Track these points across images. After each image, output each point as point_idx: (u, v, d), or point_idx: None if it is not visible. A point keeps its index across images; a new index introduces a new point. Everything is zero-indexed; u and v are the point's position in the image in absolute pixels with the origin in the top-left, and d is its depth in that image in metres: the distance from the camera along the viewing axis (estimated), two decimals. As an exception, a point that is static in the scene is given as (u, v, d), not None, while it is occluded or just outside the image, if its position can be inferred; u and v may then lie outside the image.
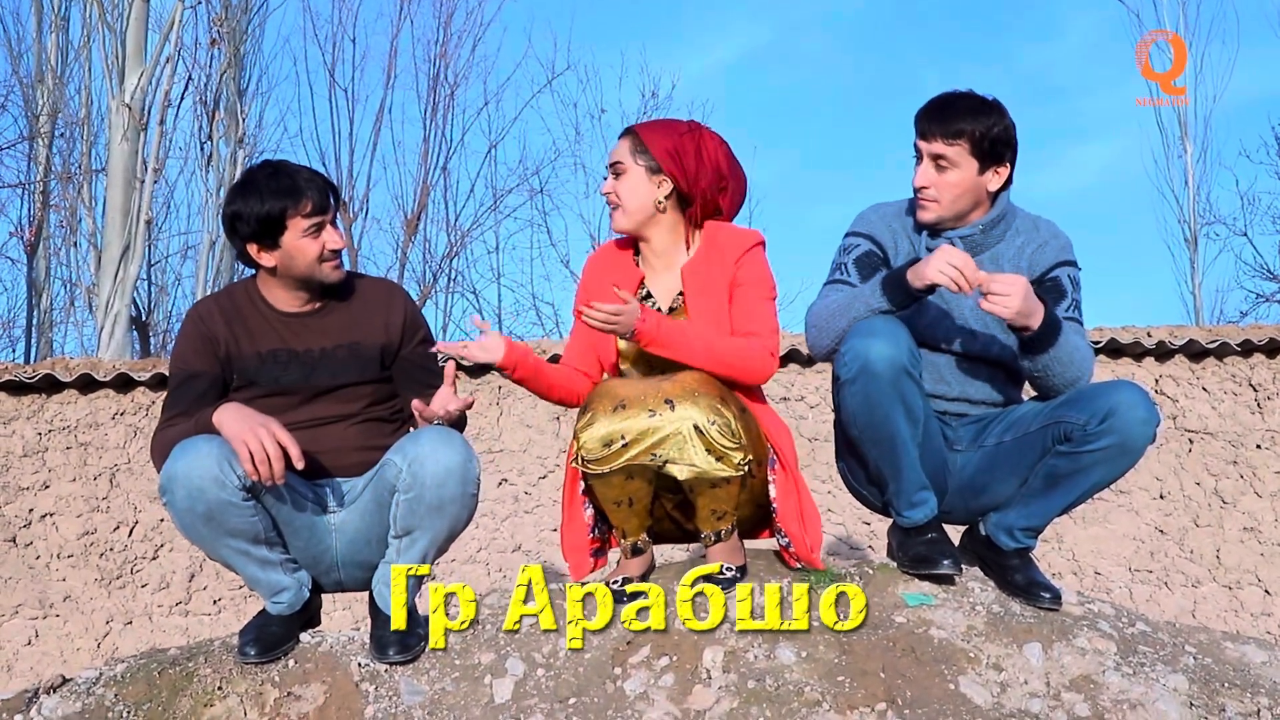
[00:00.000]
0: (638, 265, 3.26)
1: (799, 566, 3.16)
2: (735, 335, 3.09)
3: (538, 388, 3.20)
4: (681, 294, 3.18)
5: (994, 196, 3.11)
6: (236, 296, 3.09)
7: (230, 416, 2.78)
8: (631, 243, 3.29)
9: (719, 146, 3.19)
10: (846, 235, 3.23)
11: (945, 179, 3.03)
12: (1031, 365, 2.97)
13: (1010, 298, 2.80)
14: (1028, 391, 3.18)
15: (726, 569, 3.06)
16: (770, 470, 3.14)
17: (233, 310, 3.06)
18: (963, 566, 3.06)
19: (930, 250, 3.04)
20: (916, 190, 3.09)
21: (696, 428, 2.88)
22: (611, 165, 3.19)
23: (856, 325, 2.92)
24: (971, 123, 3.00)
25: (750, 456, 2.96)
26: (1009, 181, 3.09)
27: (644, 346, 3.01)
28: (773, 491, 3.14)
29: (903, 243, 3.16)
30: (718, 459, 2.91)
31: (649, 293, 3.22)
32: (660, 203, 3.16)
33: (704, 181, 3.16)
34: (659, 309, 3.18)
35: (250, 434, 2.72)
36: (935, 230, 3.11)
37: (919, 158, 3.07)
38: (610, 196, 3.19)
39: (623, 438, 2.90)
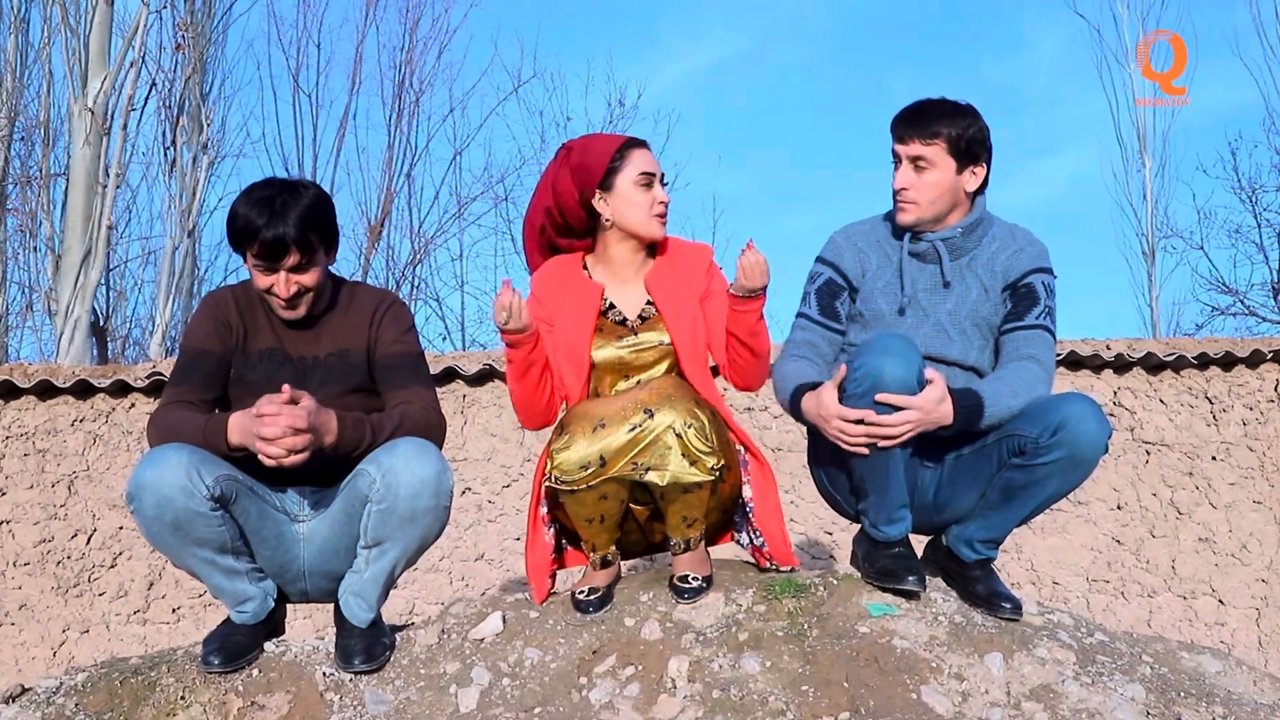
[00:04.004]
0: (590, 278, 3.26)
1: (770, 566, 3.21)
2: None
3: (532, 379, 3.11)
4: (651, 303, 3.21)
5: (972, 199, 3.15)
6: (251, 292, 3.09)
7: (238, 423, 2.79)
8: (578, 257, 3.30)
9: None
10: (815, 261, 3.28)
11: (924, 179, 3.08)
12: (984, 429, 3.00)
13: (913, 428, 2.83)
14: None
15: (693, 579, 3.08)
16: (744, 471, 3.19)
17: (246, 303, 3.07)
18: (926, 582, 3.08)
19: (913, 255, 3.14)
20: (896, 193, 3.13)
21: (675, 431, 2.91)
22: (663, 177, 3.21)
23: (871, 342, 2.93)
24: (948, 124, 3.06)
25: (723, 461, 2.98)
26: (985, 184, 3.15)
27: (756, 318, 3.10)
28: (748, 491, 3.19)
29: (871, 260, 3.19)
30: (692, 463, 2.93)
31: (612, 304, 3.23)
32: None
33: None
34: (625, 319, 3.21)
35: (257, 434, 2.71)
36: (916, 233, 3.15)
37: (897, 162, 3.12)
38: (666, 205, 3.21)
39: (601, 459, 2.92)
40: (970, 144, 3.08)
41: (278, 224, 2.86)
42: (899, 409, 2.82)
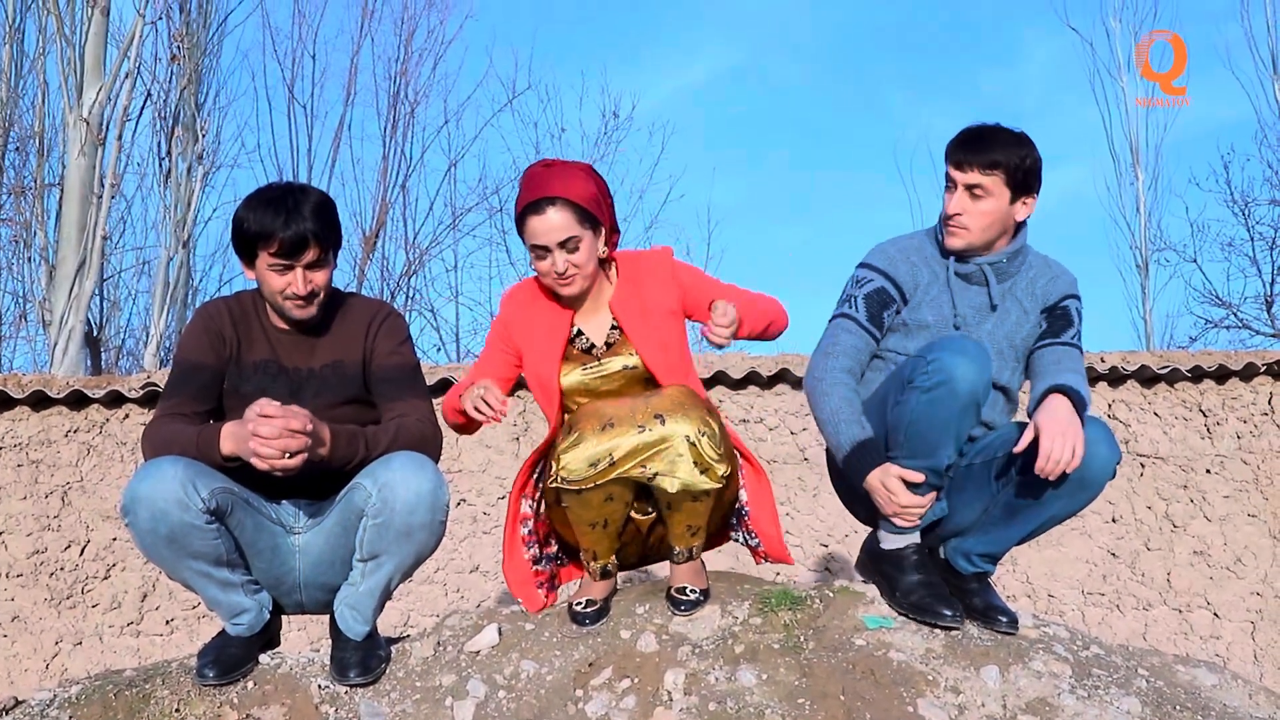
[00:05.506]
0: (561, 304, 3.21)
1: (765, 562, 3.23)
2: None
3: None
4: (616, 327, 3.20)
5: (1017, 227, 3.17)
6: (244, 303, 3.08)
7: (231, 432, 2.77)
8: None
9: (594, 171, 3.19)
10: (861, 267, 3.24)
11: (979, 207, 3.09)
12: None
13: (1066, 456, 2.83)
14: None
15: (690, 591, 3.08)
16: (740, 474, 3.18)
17: (240, 314, 3.06)
18: (963, 615, 3.06)
19: (959, 276, 3.14)
20: (948, 217, 3.13)
21: (689, 440, 2.90)
22: (565, 243, 3.03)
23: (946, 340, 2.94)
24: (1006, 154, 3.06)
25: (729, 469, 2.98)
26: (1030, 213, 3.17)
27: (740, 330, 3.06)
28: (743, 495, 3.20)
29: (923, 274, 3.18)
30: (703, 471, 2.92)
31: (580, 330, 3.21)
32: (602, 252, 3.16)
33: (612, 212, 3.19)
34: (593, 345, 3.20)
35: (250, 439, 2.69)
36: (963, 256, 3.16)
37: (951, 186, 3.12)
38: (569, 271, 3.06)
39: (610, 456, 2.90)
40: (1026, 175, 3.09)
41: (296, 220, 2.86)
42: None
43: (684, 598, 3.08)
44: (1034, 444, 2.87)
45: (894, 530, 3.08)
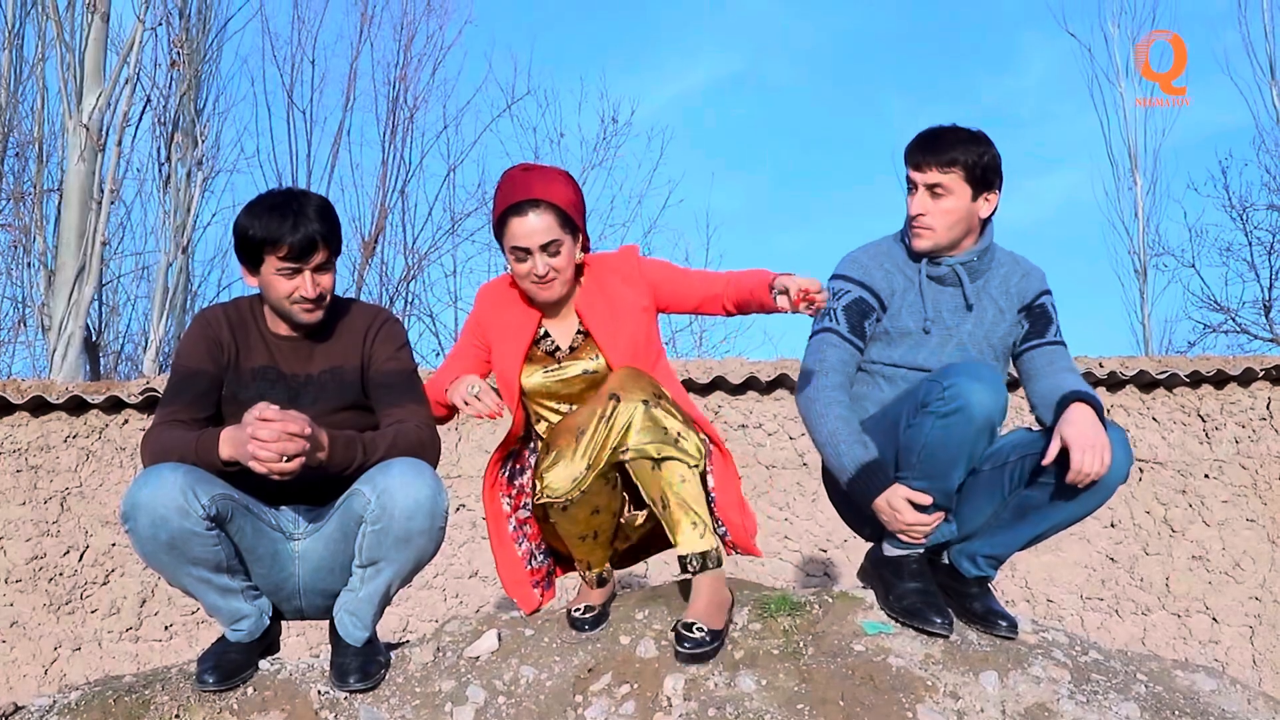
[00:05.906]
0: (531, 305, 3.22)
1: (733, 552, 3.17)
2: (704, 297, 3.15)
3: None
4: (582, 331, 3.20)
5: (983, 225, 3.18)
6: (242, 310, 3.09)
7: (230, 436, 2.77)
8: None
9: (571, 177, 3.19)
10: (835, 278, 3.23)
11: (940, 206, 3.11)
12: None
13: (1096, 467, 2.86)
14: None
15: (699, 630, 2.92)
16: (709, 460, 3.11)
17: (238, 321, 3.06)
18: (954, 623, 3.05)
19: (932, 279, 3.15)
20: (911, 218, 3.15)
21: (645, 404, 2.89)
22: (546, 246, 3.04)
23: (966, 365, 2.95)
24: (964, 152, 3.09)
25: (703, 436, 2.98)
26: (994, 210, 3.18)
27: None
28: (710, 481, 3.12)
29: (898, 280, 3.19)
30: (674, 442, 2.90)
31: (546, 332, 3.22)
32: (578, 258, 3.17)
33: (585, 219, 3.19)
34: (557, 347, 3.21)
35: (249, 442, 2.68)
36: (934, 257, 3.17)
37: (912, 188, 3.14)
38: (549, 275, 3.08)
39: (587, 465, 2.91)
40: (985, 171, 3.10)
41: (303, 223, 2.87)
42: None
43: (689, 635, 2.90)
44: (1060, 454, 2.89)
45: (900, 545, 3.09)
